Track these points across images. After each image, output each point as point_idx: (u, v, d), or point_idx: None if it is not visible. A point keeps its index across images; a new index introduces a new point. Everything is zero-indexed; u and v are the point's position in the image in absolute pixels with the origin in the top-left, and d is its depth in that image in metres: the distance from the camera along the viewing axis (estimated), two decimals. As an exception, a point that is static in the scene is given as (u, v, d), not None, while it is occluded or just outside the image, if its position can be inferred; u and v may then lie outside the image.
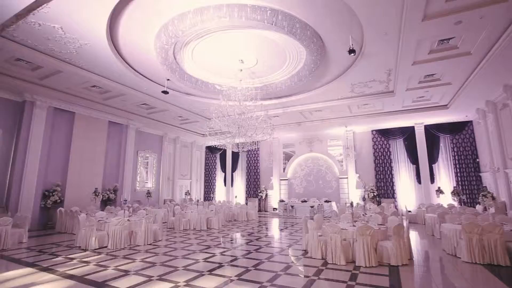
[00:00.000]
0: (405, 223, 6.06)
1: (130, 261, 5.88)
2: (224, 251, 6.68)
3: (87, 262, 5.76)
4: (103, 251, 6.78)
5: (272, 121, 14.50)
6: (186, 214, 9.88)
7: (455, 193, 8.62)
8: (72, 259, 6.03)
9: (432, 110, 12.53)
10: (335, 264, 5.44)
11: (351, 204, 6.57)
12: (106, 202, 11.81)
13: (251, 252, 6.55)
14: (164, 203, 15.16)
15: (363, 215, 8.08)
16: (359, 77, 9.59)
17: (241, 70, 8.75)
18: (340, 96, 11.51)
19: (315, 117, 14.13)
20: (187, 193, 15.41)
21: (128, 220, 7.45)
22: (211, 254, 6.34)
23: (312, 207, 13.81)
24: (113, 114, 12.56)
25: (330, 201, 14.09)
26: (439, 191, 12.19)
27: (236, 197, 13.72)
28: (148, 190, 13.15)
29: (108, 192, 11.90)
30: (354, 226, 6.01)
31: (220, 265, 5.49)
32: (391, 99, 11.40)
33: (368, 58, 8.16)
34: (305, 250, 6.54)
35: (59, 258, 6.06)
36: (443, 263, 5.70)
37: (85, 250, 6.89)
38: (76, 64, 8.25)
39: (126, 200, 7.67)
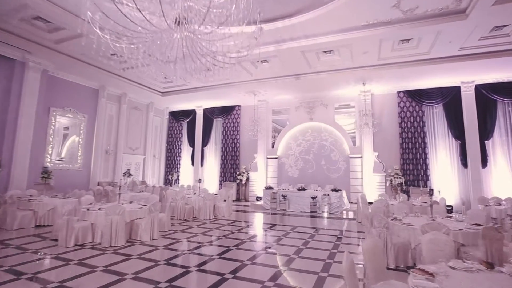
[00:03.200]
0: None
1: None
2: None
3: None
4: None
5: (259, 68, 10.20)
6: (88, 214, 5.55)
7: None
8: None
9: (504, 56, 8.66)
10: None
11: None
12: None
13: None
14: (97, 186, 10.83)
15: (431, 219, 4.10)
16: (423, -34, 5.42)
17: None
18: (373, 19, 7.33)
19: (322, 64, 9.93)
20: (127, 173, 11.06)
21: None
22: None
23: (314, 198, 9.87)
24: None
25: (340, 190, 10.17)
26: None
27: (200, 181, 9.53)
28: (46, 168, 8.63)
29: (-22, 169, 7.42)
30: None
31: None
32: (453, 31, 7.51)
33: None
34: None
35: None
36: None
37: None
38: None
39: None
